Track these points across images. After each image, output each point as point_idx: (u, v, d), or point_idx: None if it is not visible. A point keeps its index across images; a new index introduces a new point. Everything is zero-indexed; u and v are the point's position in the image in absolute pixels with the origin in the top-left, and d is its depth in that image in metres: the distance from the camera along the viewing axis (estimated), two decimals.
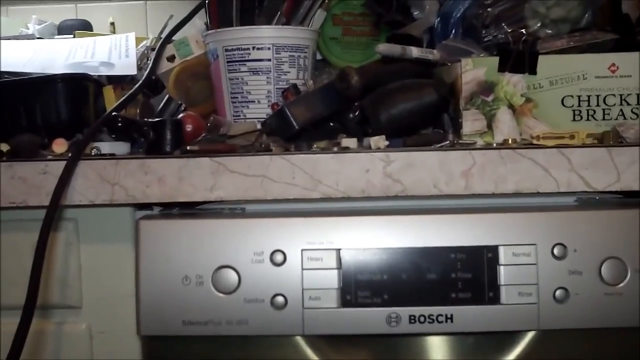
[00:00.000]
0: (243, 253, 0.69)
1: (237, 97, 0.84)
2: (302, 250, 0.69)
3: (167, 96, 0.85)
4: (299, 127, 0.75)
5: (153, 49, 0.94)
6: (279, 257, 0.69)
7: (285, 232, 0.69)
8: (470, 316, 0.68)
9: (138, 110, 0.90)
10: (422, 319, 0.68)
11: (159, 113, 0.83)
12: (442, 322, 0.68)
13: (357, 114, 0.79)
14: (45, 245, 0.69)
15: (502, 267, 0.68)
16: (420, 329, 0.68)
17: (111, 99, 0.88)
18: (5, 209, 0.75)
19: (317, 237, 0.69)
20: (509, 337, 0.71)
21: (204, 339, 0.70)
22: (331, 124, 0.78)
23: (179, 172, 0.72)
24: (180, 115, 0.79)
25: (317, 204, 0.74)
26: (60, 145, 0.78)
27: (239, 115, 0.84)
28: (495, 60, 0.74)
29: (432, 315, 0.68)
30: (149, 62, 0.96)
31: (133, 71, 0.91)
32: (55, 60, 0.94)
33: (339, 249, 0.69)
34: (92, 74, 0.89)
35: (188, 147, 0.70)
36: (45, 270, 0.76)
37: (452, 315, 0.68)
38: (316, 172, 0.71)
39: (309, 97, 0.76)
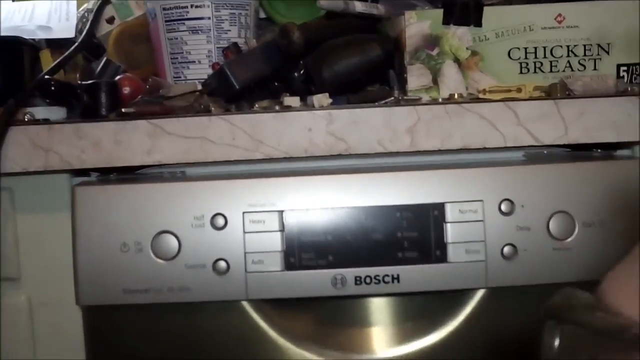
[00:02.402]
0: (183, 217, 0.67)
1: (176, 58, 0.81)
2: (243, 212, 0.67)
3: (104, 58, 0.81)
4: (239, 86, 0.72)
5: (92, 11, 0.90)
6: (219, 221, 0.67)
7: (225, 194, 0.67)
8: (417, 276, 0.67)
9: (78, 75, 0.87)
10: (367, 279, 0.67)
11: (97, 76, 0.80)
12: (388, 282, 0.67)
13: (301, 72, 0.76)
14: None
15: (448, 225, 0.67)
16: (366, 290, 0.67)
17: (48, 63, 0.84)
18: None
19: (258, 199, 0.67)
20: (457, 297, 0.70)
21: (146, 307, 0.68)
22: (275, 84, 0.76)
23: (114, 135, 0.69)
24: (118, 77, 0.76)
25: (260, 165, 0.72)
26: None
27: (180, 77, 0.81)
28: (439, 13, 0.72)
29: (378, 275, 0.67)
30: (87, 24, 0.93)
31: (71, 34, 0.87)
32: None
33: (282, 211, 0.67)
34: (28, 37, 0.85)
35: (123, 110, 0.67)
36: None
37: (398, 276, 0.67)
38: (257, 133, 0.69)
39: (250, 56, 0.74)
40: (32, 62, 0.83)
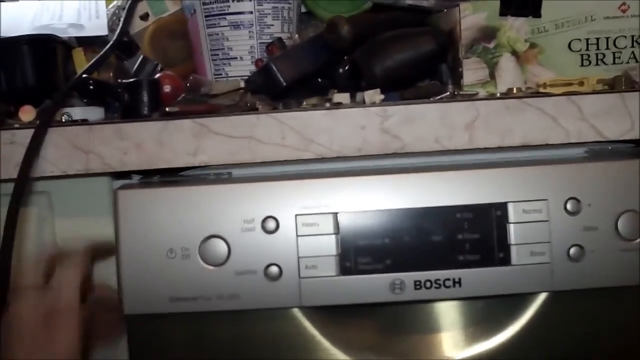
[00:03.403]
0: (232, 221, 0.64)
1: (217, 54, 0.78)
2: (296, 215, 0.63)
3: (141, 56, 0.78)
4: (286, 83, 0.69)
5: (124, 8, 0.87)
6: (271, 224, 0.63)
7: (277, 196, 0.64)
8: (480, 279, 0.64)
9: (111, 74, 0.84)
10: (428, 284, 0.63)
11: (134, 75, 0.77)
12: (449, 286, 0.63)
13: (347, 67, 0.73)
14: (15, 222, 0.63)
15: (511, 226, 0.63)
16: (427, 295, 0.64)
17: (82, 62, 0.81)
18: None
19: (311, 201, 0.64)
20: (519, 300, 0.66)
21: (193, 316, 0.65)
22: (319, 80, 0.73)
23: (158, 136, 0.66)
24: (157, 75, 0.73)
25: (309, 166, 0.68)
26: (27, 113, 0.72)
27: (221, 74, 0.78)
28: (496, 4, 0.68)
29: (439, 280, 0.63)
30: (120, 22, 0.90)
31: (104, 32, 0.84)
32: (19, 24, 0.87)
33: (336, 213, 0.63)
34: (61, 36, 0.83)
35: (167, 109, 0.64)
36: (18, 248, 0.71)
37: (460, 279, 0.63)
38: (307, 131, 0.66)
39: (296, 51, 0.71)
40: (65, 61, 0.80)
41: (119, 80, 0.71)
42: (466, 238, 0.64)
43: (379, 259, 0.63)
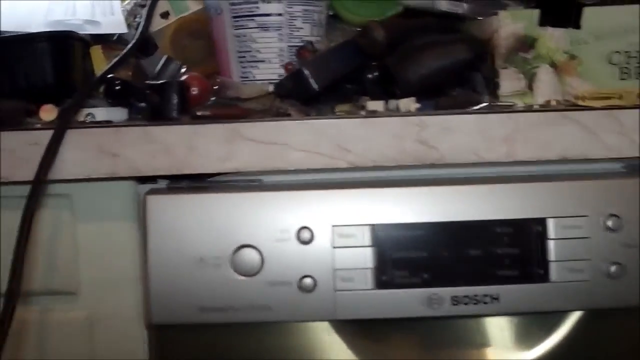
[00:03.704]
0: (266, 231, 0.62)
1: (244, 57, 0.75)
2: (332, 226, 0.62)
3: (165, 57, 0.76)
4: (318, 88, 0.67)
5: (142, 6, 0.85)
6: (306, 235, 0.61)
7: (312, 206, 0.62)
8: (518, 296, 0.62)
9: (130, 73, 0.81)
10: (465, 300, 0.62)
11: (157, 75, 0.74)
12: (487, 302, 0.62)
13: (375, 73, 0.71)
14: (29, 225, 0.61)
15: (551, 242, 0.62)
16: (464, 310, 0.62)
17: (99, 60, 0.79)
18: None
19: (348, 212, 0.62)
20: (554, 316, 0.65)
21: (223, 327, 0.63)
22: (348, 85, 0.71)
23: (188, 140, 0.63)
24: (184, 77, 0.71)
25: (339, 175, 0.66)
26: (48, 112, 0.69)
27: (247, 77, 0.75)
28: (535, 14, 0.67)
29: (477, 295, 0.62)
30: (137, 19, 0.87)
31: (123, 29, 0.82)
32: (32, 18, 0.84)
33: (373, 225, 0.62)
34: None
35: (199, 113, 0.62)
36: (37, 253, 0.68)
37: (498, 295, 0.62)
38: (343, 139, 0.64)
39: (328, 56, 0.69)
40: (83, 58, 0.77)
41: (147, 81, 0.69)
42: (505, 253, 0.62)
43: (416, 272, 0.62)
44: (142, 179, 0.69)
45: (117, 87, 0.66)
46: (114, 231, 0.68)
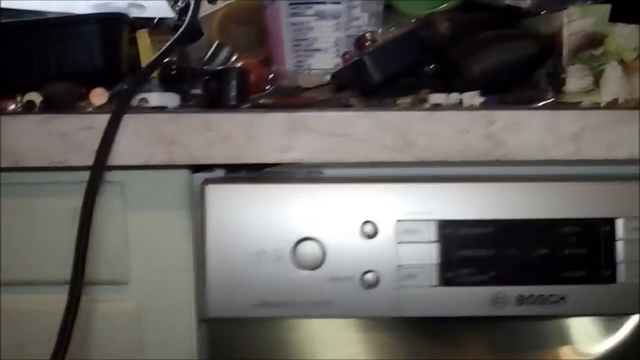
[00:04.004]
0: (329, 224, 0.60)
1: (300, 45, 0.74)
2: (397, 221, 0.60)
3: (216, 43, 0.74)
4: (379, 80, 0.65)
5: None
6: (370, 229, 0.60)
7: (377, 200, 0.60)
8: (584, 297, 0.61)
9: (176, 59, 0.79)
10: (531, 299, 0.61)
11: (206, 62, 0.72)
12: (553, 303, 0.61)
13: (435, 66, 0.70)
14: (91, 212, 0.59)
15: (619, 242, 0.61)
16: (529, 310, 0.61)
17: (146, 45, 0.76)
18: (41, 170, 0.65)
19: (413, 207, 0.60)
20: (607, 320, 0.64)
21: (282, 322, 0.61)
22: (407, 78, 0.69)
23: (248, 129, 0.62)
24: (239, 64, 0.69)
25: (398, 170, 0.65)
26: (99, 96, 0.67)
27: (302, 66, 0.74)
28: (605, 9, 0.66)
29: (543, 295, 0.61)
30: (178, 4, 0.85)
31: (168, 13, 0.80)
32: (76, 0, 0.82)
33: (439, 220, 0.60)
34: None
35: (261, 101, 0.60)
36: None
37: (564, 296, 0.61)
38: (409, 132, 0.62)
39: (390, 47, 0.67)
40: (130, 42, 0.75)
41: (205, 67, 0.67)
42: (572, 253, 0.61)
43: (481, 270, 0.60)
44: (197, 168, 0.67)
45: (173, 72, 0.64)
46: (166, 221, 0.66)
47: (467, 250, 0.60)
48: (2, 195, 0.65)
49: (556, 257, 0.60)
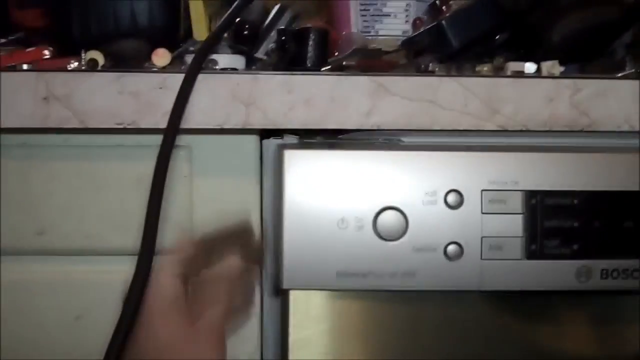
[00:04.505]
0: (412, 193, 0.58)
1: (368, 10, 0.71)
2: (482, 190, 0.58)
3: (278, 5, 0.71)
4: (458, 46, 0.63)
5: None
6: (454, 199, 0.58)
7: (462, 169, 0.58)
8: None
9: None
10: (615, 273, 0.59)
11: (268, 26, 0.69)
12: (637, 277, 0.59)
13: (501, 35, 0.67)
14: (164, 177, 0.56)
15: None
16: (613, 285, 0.59)
17: (199, 5, 0.73)
18: (107, 133, 0.62)
19: (499, 176, 0.58)
20: None
21: (360, 294, 0.59)
22: (482, 44, 0.67)
23: (330, 92, 0.59)
24: (308, 26, 0.66)
25: (480, 139, 0.63)
26: (162, 57, 0.64)
27: (369, 31, 0.71)
28: None
29: (627, 269, 0.59)
30: None
31: None
32: None
33: (525, 190, 0.58)
34: None
35: (344, 62, 0.58)
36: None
37: None
38: (492, 100, 0.60)
39: (468, 12, 0.65)
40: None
41: (281, 28, 0.64)
42: None
43: (566, 243, 0.59)
44: (267, 134, 0.64)
45: (246, 32, 0.61)
46: (235, 188, 0.63)
47: (552, 222, 0.59)
48: (64, 158, 0.62)
49: None
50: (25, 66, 0.61)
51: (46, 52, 0.64)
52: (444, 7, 0.67)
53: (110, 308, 0.63)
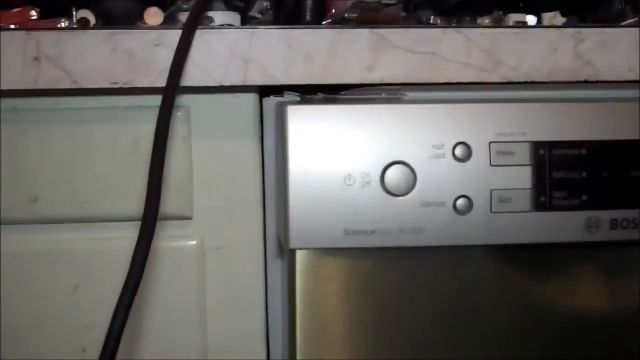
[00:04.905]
0: (419, 146, 0.56)
1: None
2: (489, 142, 0.57)
3: None
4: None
5: None
6: (462, 151, 0.57)
7: (469, 121, 0.57)
8: None
9: None
10: (624, 223, 0.58)
11: None
12: None
13: None
14: (165, 139, 0.54)
15: None
16: (622, 235, 0.58)
17: None
18: (100, 93, 0.59)
19: (507, 128, 0.57)
20: None
21: (369, 251, 0.58)
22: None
23: (330, 46, 0.58)
24: None
25: (482, 94, 0.62)
26: (154, 16, 0.62)
27: None
28: None
29: (637, 219, 0.59)
30: None
31: None
32: None
33: (533, 142, 0.57)
34: None
35: (346, 15, 0.56)
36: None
37: None
38: (496, 50, 0.59)
39: None
40: None
41: None
42: None
43: (575, 194, 0.58)
44: (266, 93, 0.63)
45: None
46: (234, 148, 0.62)
47: (561, 173, 0.58)
48: (56, 122, 0.60)
49: None
50: (12, 25, 0.58)
51: (33, 12, 0.62)
52: None
53: (108, 276, 0.62)
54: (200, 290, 0.62)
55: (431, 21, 0.60)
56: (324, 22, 0.60)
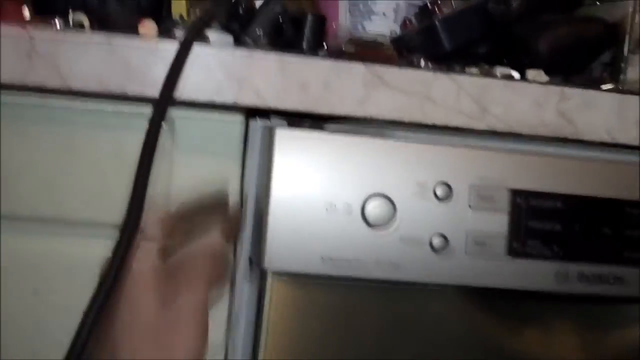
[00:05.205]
0: (403, 182, 0.57)
1: (357, 6, 0.71)
2: (469, 185, 0.58)
3: None
4: (450, 48, 0.64)
5: None
6: (444, 191, 0.58)
7: (453, 162, 0.58)
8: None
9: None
10: (592, 277, 0.60)
11: (259, 9, 0.68)
12: (612, 283, 0.60)
13: (501, 42, 0.69)
14: (152, 151, 0.53)
15: None
16: (589, 289, 0.60)
17: None
18: (94, 97, 0.59)
19: (489, 173, 0.59)
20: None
21: (342, 280, 0.58)
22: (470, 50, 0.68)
23: (325, 77, 0.58)
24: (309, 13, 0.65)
25: (469, 141, 0.63)
26: (148, 28, 0.63)
27: (357, 28, 0.71)
28: None
29: (603, 275, 0.60)
30: None
31: None
32: None
33: (512, 189, 0.59)
34: None
35: (344, 48, 0.57)
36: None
37: (622, 277, 0.60)
38: (484, 99, 0.61)
39: (461, 16, 0.66)
40: None
41: (278, 11, 0.63)
42: (632, 235, 0.61)
43: (547, 244, 0.59)
44: (252, 113, 0.63)
45: (241, 12, 0.60)
46: (216, 167, 0.61)
47: (536, 222, 0.59)
48: (41, 119, 0.59)
49: (618, 237, 0.60)
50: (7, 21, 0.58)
51: (26, 12, 0.61)
52: (436, 9, 0.68)
53: (68, 281, 0.60)
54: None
55: (422, 65, 0.62)
56: (320, 53, 0.61)
